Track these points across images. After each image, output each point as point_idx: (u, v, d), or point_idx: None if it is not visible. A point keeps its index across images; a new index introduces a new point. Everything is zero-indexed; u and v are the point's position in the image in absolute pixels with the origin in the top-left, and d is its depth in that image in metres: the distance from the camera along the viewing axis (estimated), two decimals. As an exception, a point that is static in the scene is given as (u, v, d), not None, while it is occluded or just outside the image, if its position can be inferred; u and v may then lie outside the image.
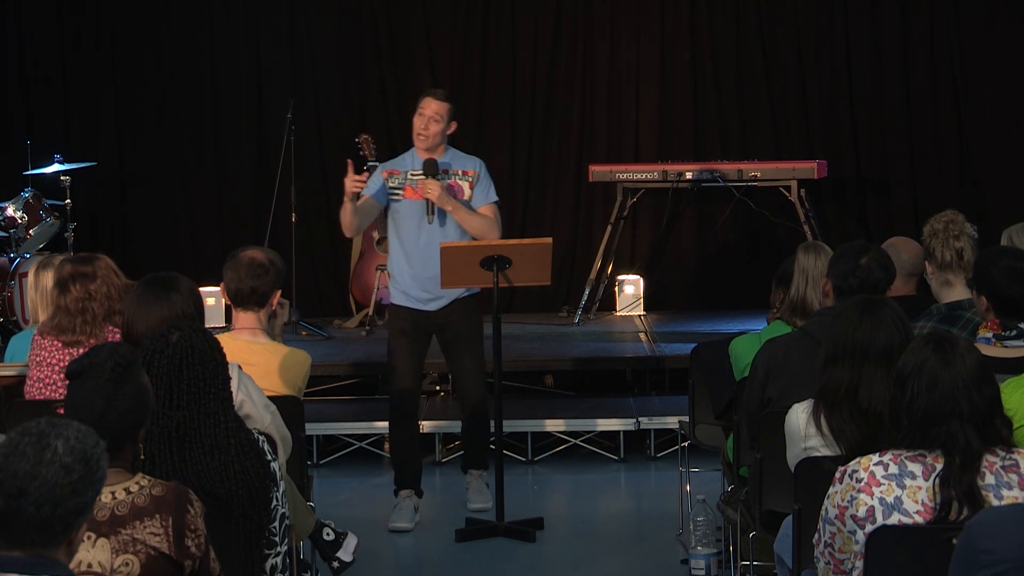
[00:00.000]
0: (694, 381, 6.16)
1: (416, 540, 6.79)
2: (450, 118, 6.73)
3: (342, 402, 8.59)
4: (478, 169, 6.81)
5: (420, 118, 6.72)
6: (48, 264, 5.87)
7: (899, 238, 5.80)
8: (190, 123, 10.45)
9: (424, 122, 6.70)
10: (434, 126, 6.69)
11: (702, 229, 10.30)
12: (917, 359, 3.47)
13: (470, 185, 6.78)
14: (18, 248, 9.04)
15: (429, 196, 6.64)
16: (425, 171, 6.67)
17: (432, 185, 6.64)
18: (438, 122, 6.69)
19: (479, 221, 6.72)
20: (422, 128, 6.70)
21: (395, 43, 10.45)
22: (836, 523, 3.50)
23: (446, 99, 6.75)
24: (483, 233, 6.70)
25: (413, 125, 6.76)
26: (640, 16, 10.40)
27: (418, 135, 6.72)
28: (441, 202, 6.64)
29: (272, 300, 5.07)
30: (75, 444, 2.65)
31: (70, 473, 2.63)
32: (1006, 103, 10.26)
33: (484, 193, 6.79)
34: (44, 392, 5.26)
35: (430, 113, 6.70)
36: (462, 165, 6.82)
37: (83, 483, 2.65)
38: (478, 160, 6.89)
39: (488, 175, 6.86)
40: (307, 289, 10.16)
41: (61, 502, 2.62)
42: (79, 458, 2.65)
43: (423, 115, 6.71)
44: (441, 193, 6.63)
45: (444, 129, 6.72)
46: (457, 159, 6.83)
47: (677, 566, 6.08)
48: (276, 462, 3.90)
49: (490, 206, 6.78)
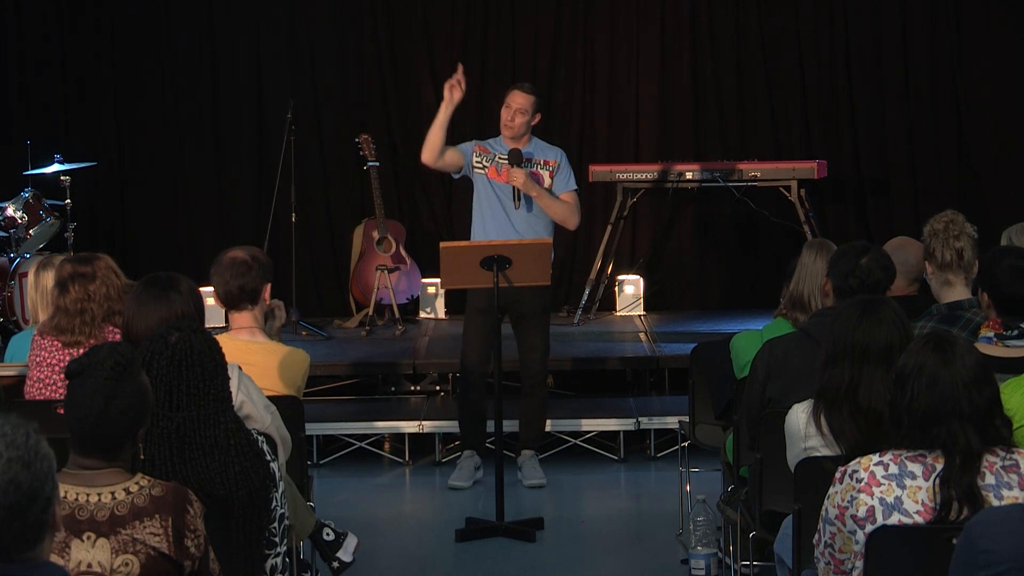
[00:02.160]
0: (694, 381, 6.16)
1: (416, 540, 6.80)
2: (535, 110, 7.20)
3: (342, 402, 8.59)
4: (559, 159, 7.28)
5: (507, 110, 7.20)
6: (48, 264, 5.87)
7: (904, 238, 5.80)
8: (190, 123, 10.45)
9: (511, 114, 7.18)
10: (519, 118, 7.17)
11: (702, 229, 10.29)
12: (917, 359, 3.46)
13: (550, 174, 7.25)
14: (18, 248, 9.04)
15: (515, 183, 7.10)
16: (510, 160, 7.14)
17: (517, 173, 7.09)
18: (524, 114, 7.17)
19: (560, 207, 7.20)
20: (508, 120, 7.19)
21: (395, 43, 10.45)
22: (836, 523, 3.50)
23: (532, 92, 7.26)
24: (564, 218, 7.23)
25: (500, 116, 7.22)
26: (640, 16, 10.41)
27: (505, 126, 7.20)
28: (526, 188, 7.10)
29: (264, 295, 5.06)
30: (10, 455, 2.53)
31: (19, 487, 2.53)
32: (1006, 103, 10.26)
33: (564, 181, 7.26)
34: (44, 392, 5.26)
35: (516, 106, 7.17)
36: (544, 155, 7.28)
37: (35, 486, 2.55)
38: (560, 150, 7.37)
39: (568, 165, 7.33)
40: (307, 289, 10.16)
41: (25, 513, 2.54)
42: (21, 467, 2.54)
43: (510, 107, 7.20)
44: (526, 180, 7.09)
45: (529, 120, 7.18)
46: (540, 149, 7.30)
47: (677, 566, 6.08)
48: (276, 462, 3.90)
49: (570, 194, 7.26)
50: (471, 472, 7.35)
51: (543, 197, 7.14)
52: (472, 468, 7.36)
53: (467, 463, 7.37)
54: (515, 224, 7.18)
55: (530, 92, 7.23)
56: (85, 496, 3.19)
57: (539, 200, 7.14)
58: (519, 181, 7.07)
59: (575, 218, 7.25)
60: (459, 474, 7.34)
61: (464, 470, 7.35)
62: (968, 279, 5.14)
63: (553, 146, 7.40)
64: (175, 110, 10.44)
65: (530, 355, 7.31)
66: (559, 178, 7.24)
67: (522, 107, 7.15)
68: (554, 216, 7.21)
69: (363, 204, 10.22)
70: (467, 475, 7.33)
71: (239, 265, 4.99)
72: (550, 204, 7.17)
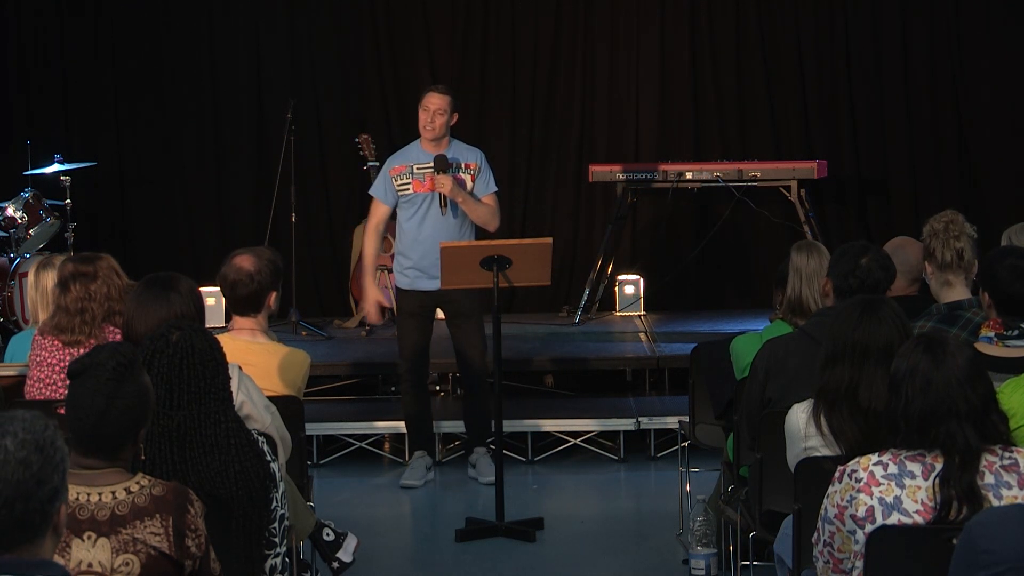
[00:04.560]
0: (694, 381, 6.16)
1: (416, 540, 6.80)
2: (452, 110, 7.22)
3: (342, 402, 8.59)
4: (479, 161, 7.31)
5: (425, 113, 7.21)
6: (48, 264, 5.88)
7: (904, 238, 5.80)
8: (190, 123, 10.46)
9: (429, 116, 7.19)
10: (439, 119, 7.18)
11: (702, 229, 10.29)
12: (908, 362, 3.47)
13: (472, 177, 7.27)
14: (18, 248, 9.04)
15: (442, 190, 7.12)
16: (436, 167, 7.13)
17: (444, 180, 7.11)
18: (442, 115, 7.18)
19: (483, 210, 7.26)
20: (428, 122, 7.19)
21: (395, 43, 10.45)
22: (835, 523, 3.50)
23: (447, 92, 7.29)
24: (486, 221, 7.27)
25: (419, 119, 7.23)
26: (640, 16, 10.41)
27: (424, 128, 7.21)
28: (453, 194, 7.13)
29: (268, 302, 5.08)
30: (25, 436, 2.60)
31: (28, 466, 2.58)
32: (1006, 103, 10.26)
33: (485, 184, 7.30)
34: (44, 392, 5.26)
35: (434, 107, 7.18)
36: (465, 158, 7.29)
37: (45, 470, 2.59)
38: (478, 152, 7.38)
39: (488, 166, 7.36)
40: (307, 289, 10.16)
41: (30, 496, 2.57)
42: (33, 448, 2.59)
43: (427, 110, 7.20)
44: (453, 186, 7.11)
45: (448, 121, 7.21)
46: (460, 151, 7.31)
47: (677, 566, 6.08)
48: (276, 463, 3.90)
49: (491, 196, 7.31)
50: (423, 472, 7.45)
51: (468, 202, 7.18)
52: (424, 468, 7.47)
53: (418, 463, 7.47)
54: (443, 230, 7.17)
55: (446, 92, 7.25)
56: (86, 496, 3.20)
57: (464, 205, 7.18)
58: (446, 188, 7.09)
59: (496, 221, 7.30)
60: (411, 473, 7.44)
61: (416, 469, 7.45)
62: (968, 279, 5.14)
63: (471, 147, 7.40)
64: (175, 110, 10.44)
65: (469, 353, 7.34)
66: (480, 180, 7.27)
67: (440, 108, 7.16)
68: (477, 220, 7.27)
69: (363, 204, 10.20)
70: (419, 474, 7.43)
71: (244, 277, 5.00)
72: (474, 208, 7.22)
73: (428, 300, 7.28)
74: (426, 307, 7.33)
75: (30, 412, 2.66)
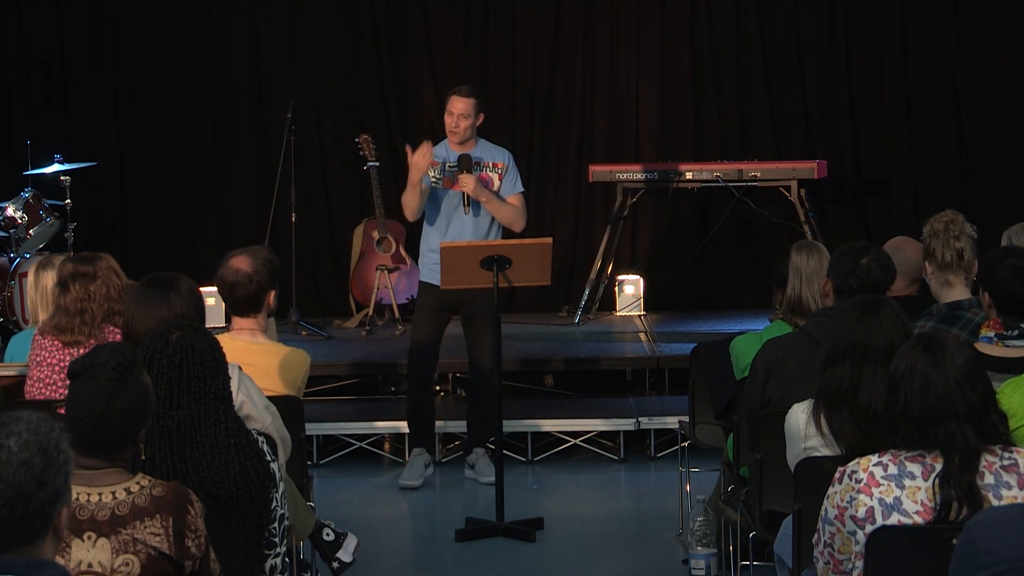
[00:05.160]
0: (694, 381, 6.16)
1: (416, 540, 6.80)
2: (478, 111, 7.24)
3: (342, 402, 8.59)
4: (507, 161, 7.33)
5: (450, 116, 7.23)
6: (48, 264, 5.88)
7: (904, 238, 5.80)
8: (190, 123, 10.46)
9: (454, 120, 7.21)
10: (463, 122, 7.20)
11: (702, 229, 10.29)
12: (907, 363, 3.47)
13: (499, 177, 7.29)
14: (18, 248, 9.04)
15: (465, 189, 7.13)
16: (460, 166, 7.17)
17: (467, 179, 7.12)
18: (467, 118, 7.20)
19: (508, 210, 7.25)
20: (453, 126, 7.22)
21: (395, 43, 10.45)
22: (835, 523, 3.50)
23: (470, 95, 7.26)
24: (511, 221, 7.27)
25: (444, 122, 7.25)
26: (640, 16, 10.41)
27: (450, 132, 7.24)
28: (476, 194, 7.14)
29: (267, 301, 5.08)
30: (28, 438, 2.59)
31: (31, 468, 2.57)
32: (1006, 103, 10.26)
33: (512, 184, 7.31)
34: (44, 392, 5.26)
35: (458, 111, 7.20)
36: (492, 157, 7.32)
37: (48, 472, 2.59)
38: (507, 152, 7.41)
39: (515, 167, 7.38)
40: (307, 289, 10.16)
41: (31, 497, 2.57)
42: (36, 450, 2.58)
43: (452, 113, 7.22)
44: (476, 186, 7.13)
45: (473, 123, 7.23)
46: (487, 151, 7.34)
47: (677, 566, 6.08)
48: (276, 463, 3.90)
49: (517, 196, 7.31)
50: (421, 470, 7.39)
51: (492, 202, 7.18)
52: (422, 466, 7.41)
53: (417, 461, 7.41)
54: (465, 229, 7.21)
55: (470, 95, 7.23)
56: (86, 496, 3.20)
57: (488, 205, 7.18)
58: (469, 187, 7.10)
59: (522, 221, 7.28)
60: (409, 472, 7.39)
61: (414, 468, 7.39)
62: (968, 279, 5.14)
63: (500, 147, 7.43)
64: (175, 110, 10.44)
65: (481, 354, 7.27)
66: (507, 180, 7.28)
67: (464, 111, 7.18)
68: (502, 219, 7.26)
69: (363, 204, 10.22)
70: (417, 473, 7.37)
71: (241, 278, 5.01)
72: (498, 208, 7.21)
73: (447, 297, 7.15)
74: (445, 304, 7.23)
75: (36, 413, 2.66)
